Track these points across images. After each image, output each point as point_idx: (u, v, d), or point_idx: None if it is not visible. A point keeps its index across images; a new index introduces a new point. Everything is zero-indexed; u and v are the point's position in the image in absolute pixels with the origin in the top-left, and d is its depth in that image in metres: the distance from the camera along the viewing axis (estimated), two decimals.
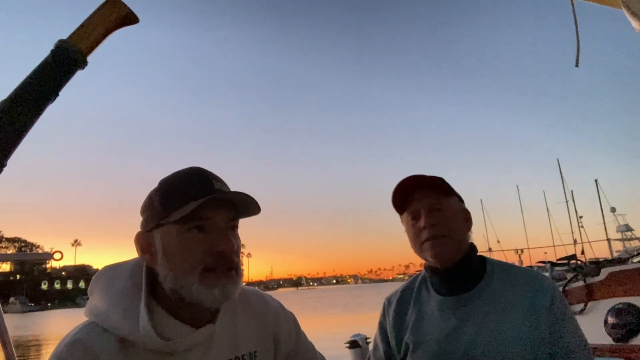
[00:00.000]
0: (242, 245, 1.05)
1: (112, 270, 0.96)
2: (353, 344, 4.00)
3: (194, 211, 0.87)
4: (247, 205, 0.94)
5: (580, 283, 4.20)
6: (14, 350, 1.46)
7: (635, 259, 5.16)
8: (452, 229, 1.26)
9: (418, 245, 1.29)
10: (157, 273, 0.90)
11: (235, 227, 0.95)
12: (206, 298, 0.86)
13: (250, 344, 1.02)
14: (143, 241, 0.92)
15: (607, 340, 3.67)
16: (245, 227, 1.04)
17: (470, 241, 1.33)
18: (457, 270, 1.27)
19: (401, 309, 1.39)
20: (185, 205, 0.87)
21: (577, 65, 1.87)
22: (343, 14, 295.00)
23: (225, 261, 0.88)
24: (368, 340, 4.06)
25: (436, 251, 1.24)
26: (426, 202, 1.28)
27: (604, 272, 4.00)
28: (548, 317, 1.18)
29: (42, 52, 0.93)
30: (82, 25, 0.96)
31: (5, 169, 0.92)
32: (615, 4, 1.61)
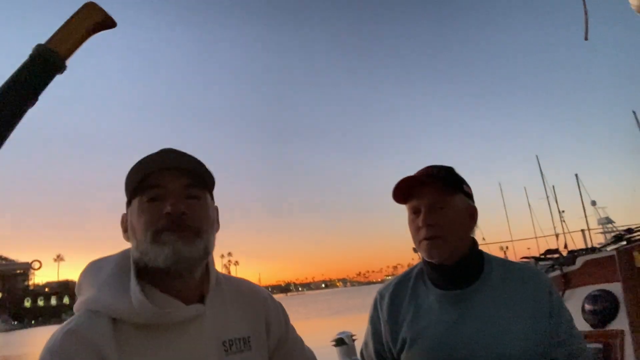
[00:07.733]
0: (230, 254, 1.06)
1: (98, 262, 0.99)
2: (339, 342, 4.02)
3: (146, 181, 0.92)
4: (200, 174, 0.97)
5: (558, 272, 4.31)
6: None
7: (609, 247, 5.29)
8: (452, 229, 1.23)
9: (416, 242, 1.28)
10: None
11: (194, 196, 0.96)
12: (159, 257, 0.89)
13: (242, 329, 1.03)
14: (124, 221, 0.98)
15: (585, 326, 3.75)
16: (233, 234, 0.99)
17: (472, 236, 1.31)
18: (456, 266, 1.26)
19: (396, 302, 1.34)
20: (136, 176, 0.93)
21: (586, 39, 1.85)
22: (344, 16, 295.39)
23: (175, 222, 0.90)
24: (354, 338, 4.08)
25: (431, 253, 1.24)
26: (427, 199, 1.24)
27: (580, 261, 4.10)
28: (548, 309, 1.21)
29: (20, 57, 0.90)
30: (60, 30, 0.94)
31: None
32: None
